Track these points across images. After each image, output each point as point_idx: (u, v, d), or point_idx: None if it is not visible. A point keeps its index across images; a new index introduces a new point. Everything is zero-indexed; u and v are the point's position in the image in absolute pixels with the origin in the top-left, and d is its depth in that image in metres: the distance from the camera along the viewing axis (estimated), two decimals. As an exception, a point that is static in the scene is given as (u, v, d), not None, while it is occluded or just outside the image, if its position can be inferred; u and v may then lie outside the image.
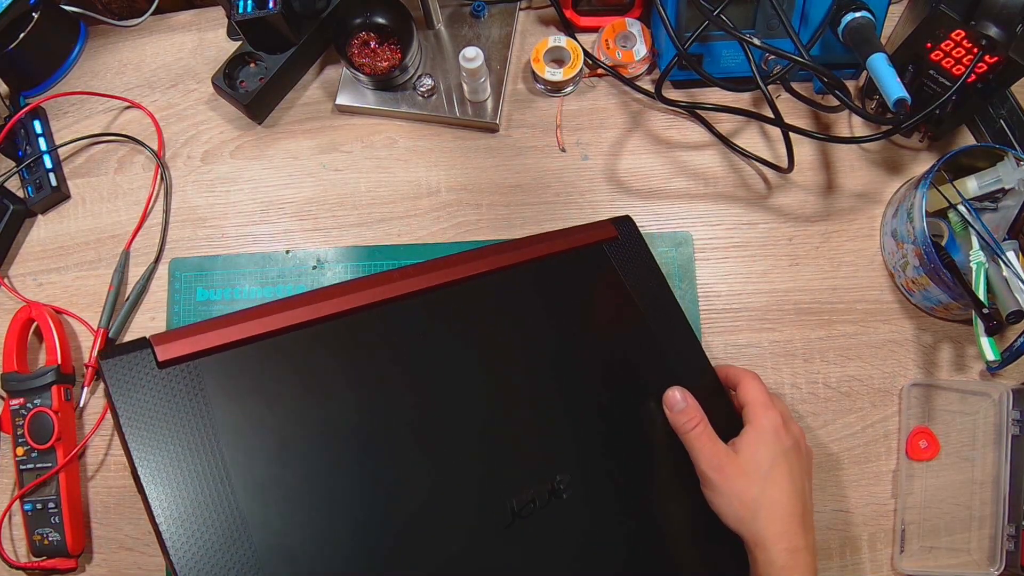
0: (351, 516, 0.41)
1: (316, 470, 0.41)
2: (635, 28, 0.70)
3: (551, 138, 0.70)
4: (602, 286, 0.54)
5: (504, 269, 0.51)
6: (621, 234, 0.56)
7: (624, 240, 0.56)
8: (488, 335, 0.49)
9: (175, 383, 0.41)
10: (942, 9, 0.56)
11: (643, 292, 0.55)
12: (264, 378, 0.43)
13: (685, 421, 0.50)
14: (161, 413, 0.40)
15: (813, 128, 0.70)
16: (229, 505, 0.39)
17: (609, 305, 0.54)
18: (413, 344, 0.47)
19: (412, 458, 0.44)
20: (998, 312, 0.58)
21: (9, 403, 0.64)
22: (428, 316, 0.48)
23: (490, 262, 0.50)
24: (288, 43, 0.70)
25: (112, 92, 0.74)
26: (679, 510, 0.50)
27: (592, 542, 0.46)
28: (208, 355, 0.42)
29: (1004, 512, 0.60)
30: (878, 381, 0.64)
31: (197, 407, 0.40)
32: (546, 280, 0.52)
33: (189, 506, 0.38)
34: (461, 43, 0.71)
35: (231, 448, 0.40)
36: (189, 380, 0.41)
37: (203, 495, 0.39)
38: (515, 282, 0.51)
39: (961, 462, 0.62)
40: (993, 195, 0.63)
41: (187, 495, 0.39)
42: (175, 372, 0.41)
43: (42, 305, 0.67)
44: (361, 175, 0.71)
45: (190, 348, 0.41)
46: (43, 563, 0.62)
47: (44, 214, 0.72)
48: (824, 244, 0.67)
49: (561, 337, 0.52)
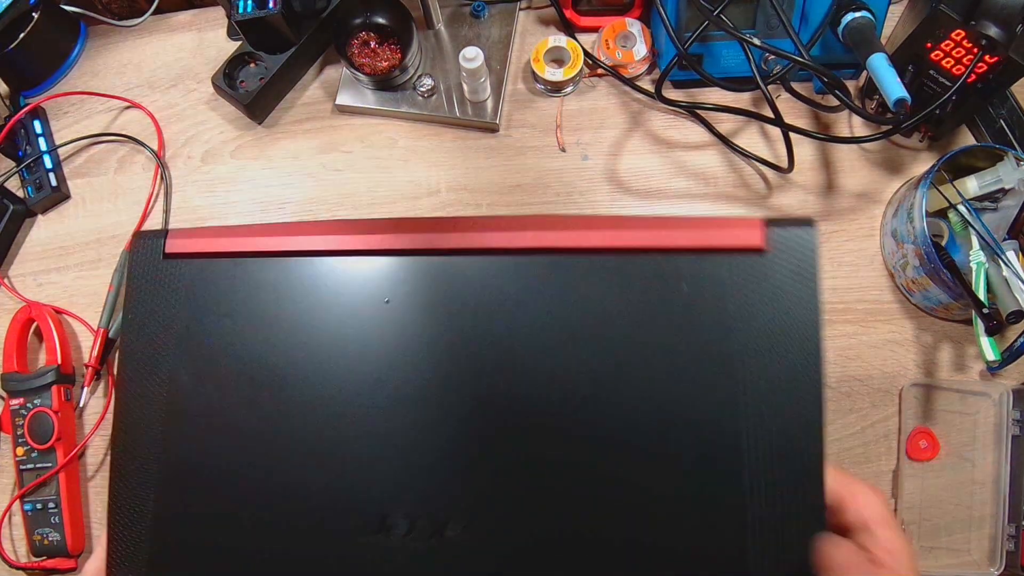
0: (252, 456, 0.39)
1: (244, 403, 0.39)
2: (635, 28, 0.70)
3: (551, 138, 0.71)
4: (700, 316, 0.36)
5: (598, 252, 0.36)
6: (774, 246, 0.35)
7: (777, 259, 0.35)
8: (520, 325, 0.37)
9: (169, 277, 0.41)
10: (942, 9, 0.56)
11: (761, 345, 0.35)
12: (247, 298, 0.40)
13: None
14: (148, 302, 0.40)
15: (813, 128, 0.70)
16: (158, 411, 0.39)
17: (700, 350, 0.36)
18: (424, 306, 0.38)
19: (338, 426, 0.38)
20: (998, 312, 0.58)
21: (9, 403, 0.64)
22: (462, 281, 0.37)
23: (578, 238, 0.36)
24: (288, 43, 0.70)
25: (112, 92, 0.74)
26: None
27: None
28: (208, 258, 0.40)
29: (1004, 512, 0.59)
30: (878, 381, 0.64)
31: (174, 308, 0.40)
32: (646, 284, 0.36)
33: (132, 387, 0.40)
34: (461, 43, 0.71)
35: (183, 357, 0.40)
36: (179, 278, 0.40)
37: (144, 387, 0.40)
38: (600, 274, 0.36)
39: (961, 462, 0.62)
40: (993, 195, 0.63)
41: (136, 376, 0.40)
42: (174, 267, 0.40)
43: (42, 305, 0.67)
44: (361, 175, 0.71)
45: (194, 247, 0.40)
46: (43, 563, 0.62)
47: (44, 214, 0.72)
48: (824, 244, 0.67)
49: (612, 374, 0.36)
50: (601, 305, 0.36)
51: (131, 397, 0.40)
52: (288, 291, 0.39)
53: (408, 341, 0.38)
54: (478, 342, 0.37)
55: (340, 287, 0.39)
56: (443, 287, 0.37)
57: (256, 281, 0.40)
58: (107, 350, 0.67)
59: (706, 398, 0.35)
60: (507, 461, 0.36)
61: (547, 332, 0.36)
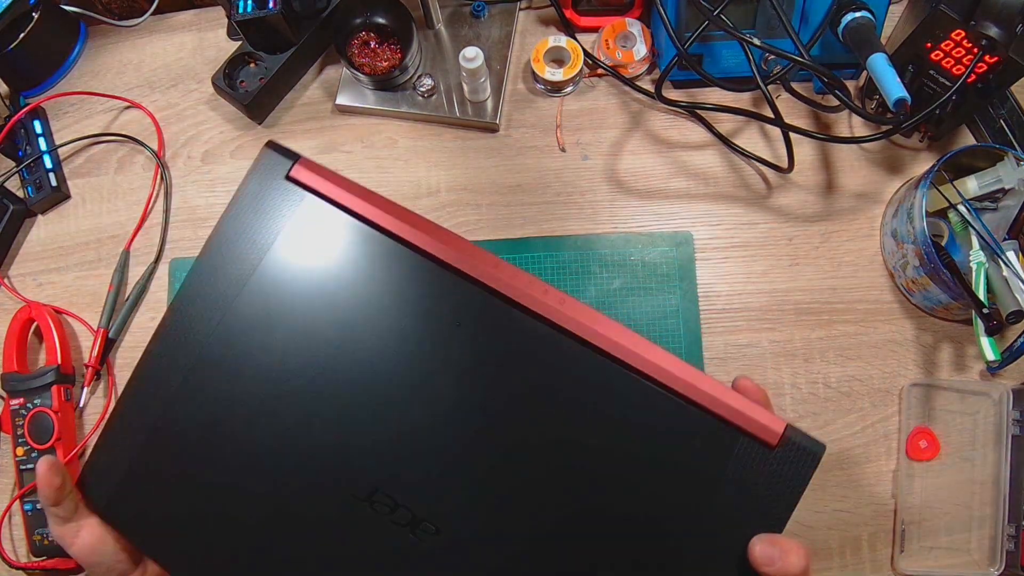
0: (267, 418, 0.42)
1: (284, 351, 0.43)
2: (635, 28, 0.70)
3: (551, 138, 0.71)
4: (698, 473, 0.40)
5: (640, 377, 0.40)
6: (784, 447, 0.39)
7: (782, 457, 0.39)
8: (553, 402, 0.41)
9: (281, 197, 0.43)
10: (942, 9, 0.56)
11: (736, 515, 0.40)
12: (336, 258, 0.43)
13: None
14: (254, 209, 0.43)
15: (813, 128, 0.70)
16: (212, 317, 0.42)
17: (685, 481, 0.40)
18: (482, 345, 0.42)
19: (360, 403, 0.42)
20: (998, 312, 0.58)
21: (9, 403, 0.64)
22: (526, 338, 0.41)
23: (640, 362, 0.40)
24: (288, 43, 0.70)
25: (112, 92, 0.74)
26: None
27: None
28: (324, 200, 0.42)
29: (1004, 512, 0.60)
30: (878, 381, 0.64)
31: (273, 227, 0.43)
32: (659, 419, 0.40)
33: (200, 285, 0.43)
34: (461, 43, 0.71)
35: (255, 280, 0.43)
36: (291, 204, 0.43)
37: (213, 290, 0.43)
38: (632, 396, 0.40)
39: (961, 462, 0.62)
40: (993, 195, 0.63)
41: (208, 276, 0.43)
42: (289, 190, 0.42)
43: (42, 305, 0.67)
44: (361, 175, 0.71)
45: (317, 185, 0.42)
46: (43, 563, 0.62)
47: (44, 214, 0.72)
48: (824, 244, 0.67)
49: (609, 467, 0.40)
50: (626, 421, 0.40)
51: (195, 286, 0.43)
52: (376, 270, 0.42)
53: (454, 365, 0.41)
54: (513, 398, 0.41)
55: (423, 289, 0.42)
56: (509, 341, 0.41)
57: (354, 245, 0.42)
58: (107, 350, 0.67)
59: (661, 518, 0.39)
60: (492, 486, 0.40)
61: (567, 419, 0.40)
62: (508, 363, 0.42)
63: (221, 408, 0.42)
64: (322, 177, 0.42)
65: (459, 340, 0.42)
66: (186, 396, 0.42)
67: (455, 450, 0.41)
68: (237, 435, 0.42)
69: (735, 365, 0.64)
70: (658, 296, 0.66)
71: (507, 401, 0.41)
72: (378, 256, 0.42)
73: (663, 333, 0.65)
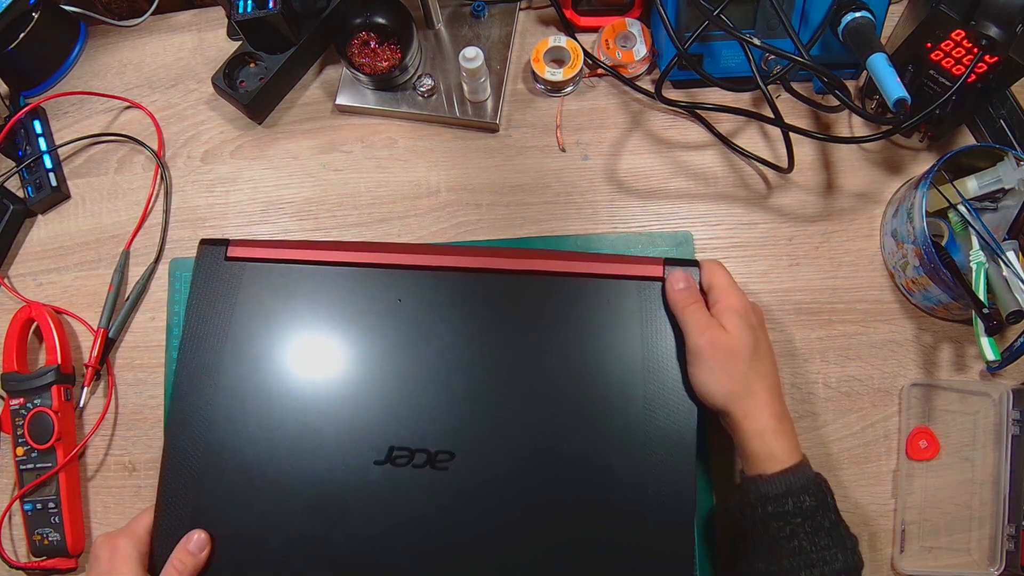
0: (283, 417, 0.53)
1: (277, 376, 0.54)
2: (635, 28, 0.70)
3: (551, 138, 0.71)
4: (618, 321, 0.54)
5: (547, 275, 0.55)
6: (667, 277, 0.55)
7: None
8: (497, 326, 0.54)
9: (228, 275, 0.54)
10: (942, 9, 0.56)
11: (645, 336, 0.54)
12: (290, 294, 0.54)
13: (685, 296, 0.52)
14: (209, 294, 0.54)
15: (813, 128, 0.70)
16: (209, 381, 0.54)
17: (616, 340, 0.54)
18: (426, 309, 0.54)
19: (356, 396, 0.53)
20: (998, 312, 0.58)
21: (9, 403, 0.64)
22: (457, 291, 0.54)
23: (540, 264, 0.55)
24: (288, 43, 0.70)
25: (112, 92, 0.74)
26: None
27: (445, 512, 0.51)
28: (261, 262, 0.54)
29: (1004, 512, 0.60)
30: (878, 381, 0.64)
31: (231, 297, 0.54)
32: (576, 298, 0.54)
33: (189, 365, 0.54)
34: (461, 43, 0.71)
35: (232, 339, 0.54)
36: (236, 276, 0.54)
37: (199, 362, 0.54)
38: (550, 290, 0.55)
39: (961, 462, 0.62)
40: (993, 195, 0.63)
41: (191, 358, 0.54)
42: (232, 267, 0.54)
43: (42, 305, 0.67)
44: (361, 175, 0.71)
45: (250, 253, 0.54)
46: (43, 563, 0.62)
47: (44, 214, 0.72)
48: (824, 244, 0.67)
49: (556, 352, 0.54)
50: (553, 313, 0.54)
51: (190, 366, 0.54)
52: (324, 288, 0.55)
53: (413, 331, 0.54)
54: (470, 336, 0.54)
55: (364, 288, 0.55)
56: (444, 296, 0.55)
57: (294, 279, 0.55)
58: (107, 350, 0.67)
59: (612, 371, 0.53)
60: (483, 414, 0.52)
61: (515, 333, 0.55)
62: (453, 313, 0.54)
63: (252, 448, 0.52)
64: (251, 246, 0.55)
65: (406, 311, 0.54)
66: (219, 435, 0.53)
67: (444, 394, 0.52)
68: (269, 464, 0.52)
69: (735, 365, 0.64)
70: (658, 296, 0.66)
71: (465, 341, 0.53)
72: (321, 278, 0.54)
73: (663, 333, 0.65)
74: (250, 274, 0.54)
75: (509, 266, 0.54)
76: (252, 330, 0.54)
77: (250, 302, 0.54)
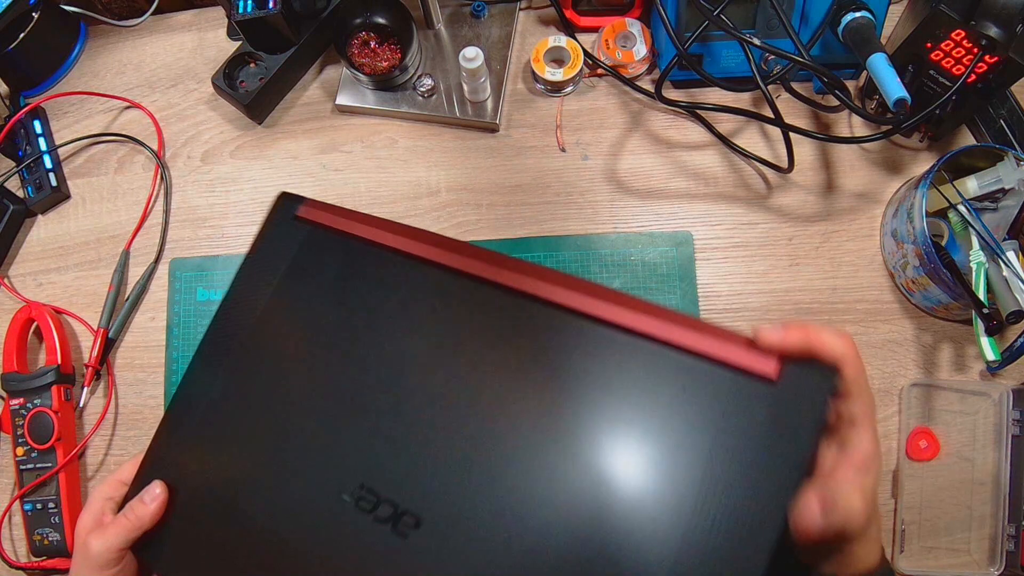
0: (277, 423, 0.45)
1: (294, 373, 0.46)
2: (635, 28, 0.70)
3: (551, 138, 0.71)
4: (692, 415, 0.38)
5: (640, 336, 0.40)
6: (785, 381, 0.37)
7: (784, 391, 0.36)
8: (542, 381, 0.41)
9: (293, 236, 0.48)
10: (942, 9, 0.56)
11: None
12: (345, 281, 0.46)
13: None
14: (268, 250, 0.48)
15: (813, 128, 0.70)
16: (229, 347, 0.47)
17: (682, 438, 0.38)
18: (475, 328, 0.43)
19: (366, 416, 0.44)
20: (998, 312, 0.58)
21: (9, 403, 0.64)
22: (534, 326, 0.42)
23: (637, 322, 0.40)
24: (288, 43, 0.70)
25: (112, 92, 0.74)
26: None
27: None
28: (329, 232, 0.47)
29: (1004, 512, 0.59)
30: (878, 381, 0.64)
31: (278, 264, 0.48)
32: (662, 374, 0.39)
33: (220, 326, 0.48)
34: (461, 43, 0.71)
35: (266, 310, 0.47)
36: (299, 240, 0.48)
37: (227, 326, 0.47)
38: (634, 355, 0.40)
39: (961, 462, 0.62)
40: (993, 195, 0.63)
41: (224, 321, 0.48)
42: (299, 228, 0.48)
43: (42, 305, 0.67)
44: (361, 175, 0.71)
45: (321, 219, 0.48)
46: (43, 563, 0.62)
47: (44, 214, 0.72)
48: (824, 244, 0.67)
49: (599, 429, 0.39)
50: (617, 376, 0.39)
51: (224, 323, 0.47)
52: (383, 284, 0.46)
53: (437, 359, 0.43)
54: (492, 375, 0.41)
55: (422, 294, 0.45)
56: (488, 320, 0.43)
57: (356, 264, 0.47)
58: (107, 350, 0.67)
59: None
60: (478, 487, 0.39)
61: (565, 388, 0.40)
62: (501, 343, 0.42)
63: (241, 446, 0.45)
64: (326, 211, 0.48)
65: (454, 330, 0.43)
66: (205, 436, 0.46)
67: (448, 444, 0.41)
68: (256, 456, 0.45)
69: (735, 365, 0.64)
70: (658, 296, 0.66)
71: (498, 390, 0.41)
72: (385, 268, 0.46)
73: (663, 333, 0.65)
74: (310, 242, 0.47)
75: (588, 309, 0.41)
76: (289, 305, 0.47)
77: (298, 275, 0.47)
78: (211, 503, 0.45)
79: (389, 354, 0.44)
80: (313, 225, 0.47)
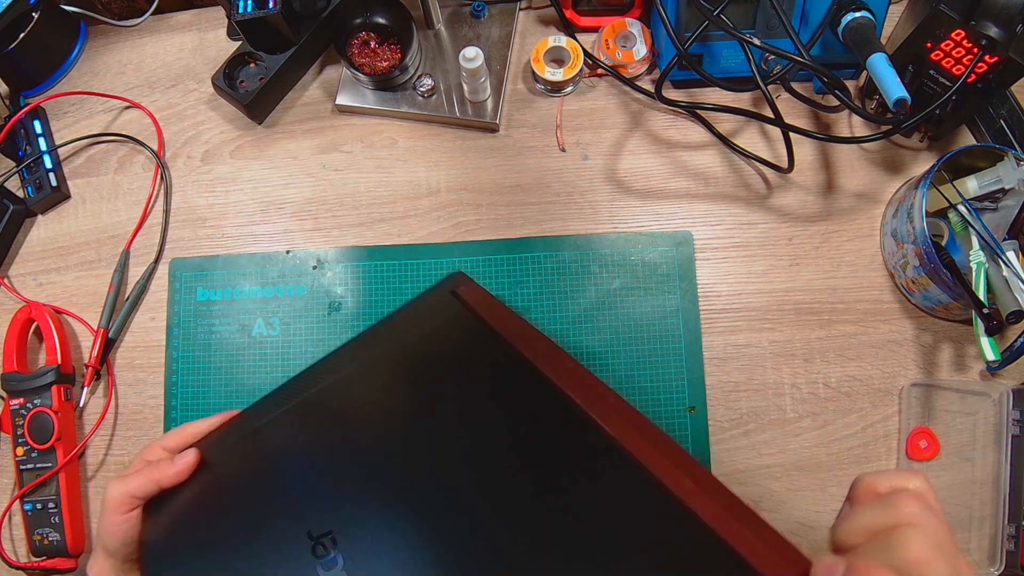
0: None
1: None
2: (635, 28, 0.70)
3: (551, 138, 0.70)
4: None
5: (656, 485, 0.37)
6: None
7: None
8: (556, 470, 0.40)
9: (447, 307, 0.50)
10: (942, 9, 0.56)
11: None
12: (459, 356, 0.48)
13: None
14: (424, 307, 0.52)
15: (813, 128, 0.70)
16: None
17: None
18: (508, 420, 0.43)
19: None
20: (998, 312, 0.58)
21: (9, 403, 0.64)
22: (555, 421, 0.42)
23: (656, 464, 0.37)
24: (288, 43, 0.70)
25: (112, 92, 0.74)
26: None
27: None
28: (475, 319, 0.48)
29: (1004, 512, 0.59)
30: (878, 381, 0.64)
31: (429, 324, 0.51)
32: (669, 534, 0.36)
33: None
34: (461, 43, 0.71)
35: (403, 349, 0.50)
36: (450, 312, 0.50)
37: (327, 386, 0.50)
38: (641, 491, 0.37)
39: (961, 462, 0.62)
40: (993, 195, 0.63)
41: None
42: (453, 302, 0.50)
43: (42, 305, 0.67)
44: (361, 175, 0.71)
45: (471, 301, 0.50)
46: (43, 563, 0.62)
47: (44, 214, 0.72)
48: (824, 244, 0.67)
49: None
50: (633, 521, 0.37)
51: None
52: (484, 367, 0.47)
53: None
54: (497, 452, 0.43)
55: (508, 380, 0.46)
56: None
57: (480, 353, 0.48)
58: (107, 350, 0.67)
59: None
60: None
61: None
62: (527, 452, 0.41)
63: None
64: (478, 299, 0.50)
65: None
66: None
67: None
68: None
69: (735, 365, 0.64)
70: (658, 296, 0.66)
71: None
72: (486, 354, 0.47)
73: (663, 333, 0.65)
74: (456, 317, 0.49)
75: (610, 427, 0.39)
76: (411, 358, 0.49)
77: (431, 337, 0.49)
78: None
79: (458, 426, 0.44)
80: (463, 304, 0.50)
